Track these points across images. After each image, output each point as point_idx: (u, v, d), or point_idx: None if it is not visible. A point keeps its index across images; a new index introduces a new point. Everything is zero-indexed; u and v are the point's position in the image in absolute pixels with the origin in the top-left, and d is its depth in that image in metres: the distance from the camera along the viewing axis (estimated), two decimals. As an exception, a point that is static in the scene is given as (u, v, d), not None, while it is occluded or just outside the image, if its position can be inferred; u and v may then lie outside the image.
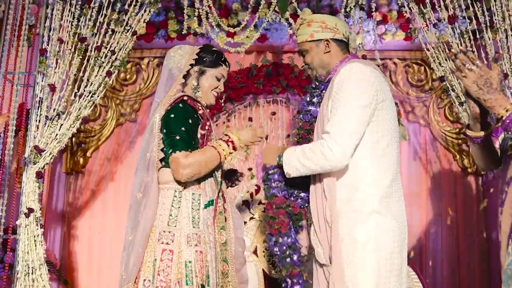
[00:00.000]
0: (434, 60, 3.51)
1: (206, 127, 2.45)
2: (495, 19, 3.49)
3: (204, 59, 2.55)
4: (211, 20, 3.86)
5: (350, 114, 2.06)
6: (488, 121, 2.02)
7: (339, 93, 2.11)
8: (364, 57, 3.58)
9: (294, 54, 4.59)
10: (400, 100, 4.72)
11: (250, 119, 4.61)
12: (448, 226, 4.50)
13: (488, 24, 3.51)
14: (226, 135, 2.44)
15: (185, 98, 2.43)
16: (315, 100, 2.49)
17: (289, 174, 2.19)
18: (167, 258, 2.30)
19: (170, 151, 2.32)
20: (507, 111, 1.81)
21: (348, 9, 3.63)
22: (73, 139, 4.66)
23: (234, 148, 2.42)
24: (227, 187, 2.67)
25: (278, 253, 2.29)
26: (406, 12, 3.50)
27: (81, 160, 4.69)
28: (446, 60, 3.50)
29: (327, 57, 2.31)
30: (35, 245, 3.22)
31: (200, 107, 2.45)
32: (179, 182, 2.37)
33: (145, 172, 2.40)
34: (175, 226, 2.33)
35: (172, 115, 2.37)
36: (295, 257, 2.29)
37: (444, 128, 4.61)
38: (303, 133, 2.48)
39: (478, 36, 3.59)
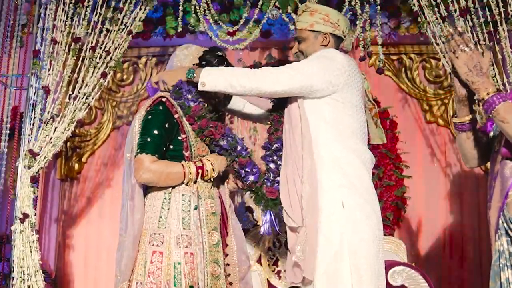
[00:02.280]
0: (444, 55, 3.79)
1: (184, 135, 2.71)
2: (511, 10, 3.75)
3: (204, 63, 2.80)
4: (208, 17, 4.15)
5: (308, 64, 2.50)
6: (473, 108, 2.33)
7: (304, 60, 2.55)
8: (362, 58, 3.90)
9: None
10: (416, 98, 5.00)
11: (254, 120, 4.92)
12: (471, 232, 4.74)
13: (503, 15, 3.73)
14: (201, 160, 2.70)
15: (163, 100, 2.72)
16: None
17: (204, 84, 2.54)
18: (157, 260, 2.60)
19: (138, 151, 2.62)
20: (487, 94, 2.12)
21: (353, 3, 3.92)
22: (68, 143, 4.98)
23: (202, 176, 2.69)
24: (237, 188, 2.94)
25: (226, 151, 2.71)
26: (414, 5, 3.78)
27: (76, 165, 5.04)
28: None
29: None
30: (30, 251, 3.56)
31: (177, 111, 2.71)
32: None
33: (128, 172, 2.73)
34: (165, 228, 2.64)
35: (150, 117, 2.68)
36: (238, 147, 2.69)
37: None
38: (276, 115, 2.78)
39: (492, 29, 3.85)
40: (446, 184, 4.87)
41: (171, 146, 2.70)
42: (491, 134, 2.41)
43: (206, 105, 2.76)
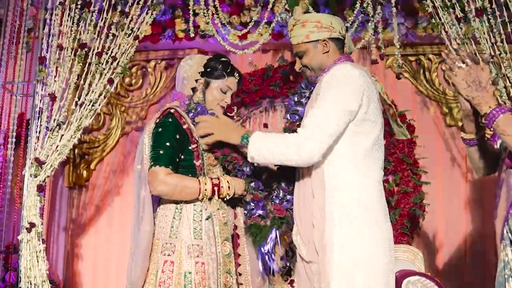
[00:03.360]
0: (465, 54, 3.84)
1: (194, 145, 2.86)
2: (531, 10, 3.79)
3: (209, 70, 2.97)
4: (217, 21, 4.26)
5: (331, 115, 2.47)
6: (481, 123, 2.42)
7: (324, 93, 2.52)
8: (374, 61, 3.96)
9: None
10: (435, 100, 5.05)
11: (266, 125, 4.98)
12: (493, 241, 4.76)
13: (522, 15, 3.80)
14: (218, 178, 2.83)
15: (172, 111, 2.88)
16: (303, 100, 2.88)
17: (253, 158, 2.59)
18: (168, 270, 2.76)
19: (152, 163, 2.77)
20: (489, 107, 2.21)
21: (365, 4, 4.01)
22: (76, 150, 5.14)
23: (218, 194, 2.82)
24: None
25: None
26: (428, 5, 3.85)
27: (85, 173, 5.20)
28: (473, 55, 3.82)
29: (326, 58, 2.70)
30: (37, 261, 3.70)
31: (185, 121, 2.86)
32: None
33: (138, 185, 2.90)
34: (176, 237, 2.80)
35: (160, 129, 2.84)
36: (260, 183, 2.79)
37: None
38: (290, 134, 2.89)
39: (510, 30, 3.90)
40: (467, 190, 4.90)
41: (182, 156, 2.85)
42: (498, 143, 2.50)
43: None
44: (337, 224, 2.46)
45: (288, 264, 2.97)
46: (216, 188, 2.80)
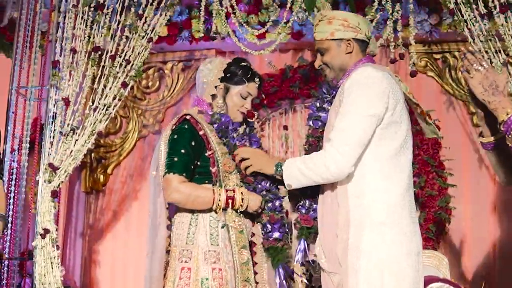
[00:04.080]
0: (483, 56, 3.81)
1: (210, 151, 2.93)
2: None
3: (229, 76, 3.03)
4: (234, 21, 4.27)
5: (357, 123, 2.47)
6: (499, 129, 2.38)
7: (347, 99, 2.51)
8: (393, 60, 3.93)
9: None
10: (462, 100, 4.99)
11: (286, 128, 5.02)
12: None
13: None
14: (233, 190, 2.89)
15: (188, 117, 2.96)
16: (326, 106, 2.91)
17: (290, 185, 2.62)
18: (186, 276, 2.84)
19: (166, 171, 2.86)
20: (507, 114, 2.19)
21: (384, 2, 3.99)
22: (92, 154, 5.22)
23: (233, 206, 2.87)
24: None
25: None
26: (450, 2, 3.82)
27: (102, 177, 5.26)
28: (497, 52, 3.78)
29: (348, 58, 2.70)
30: (52, 268, 3.77)
31: (201, 128, 2.93)
32: None
33: (154, 191, 3.00)
34: (193, 244, 2.87)
35: (176, 136, 2.93)
36: (277, 203, 2.85)
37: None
38: (313, 140, 2.90)
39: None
40: (495, 193, 4.84)
41: (198, 163, 2.93)
42: None
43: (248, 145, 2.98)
44: (362, 229, 2.47)
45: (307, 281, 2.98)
46: (230, 201, 2.86)
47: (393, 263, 2.45)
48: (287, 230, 2.86)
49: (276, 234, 2.85)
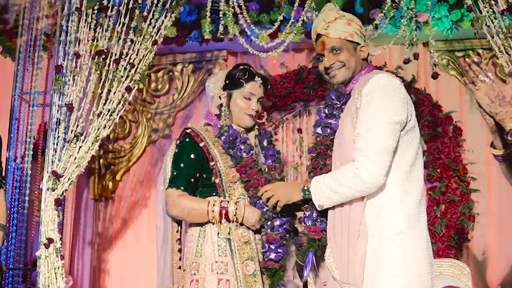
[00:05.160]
0: (502, 55, 3.78)
1: (212, 162, 3.02)
2: None
3: (229, 82, 3.13)
4: (242, 22, 4.26)
5: (384, 130, 2.48)
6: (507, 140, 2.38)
7: (369, 107, 2.53)
8: (407, 61, 3.92)
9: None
10: (485, 100, 4.94)
11: (300, 131, 5.00)
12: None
13: None
14: (227, 201, 2.94)
15: (188, 130, 3.09)
16: (335, 112, 2.91)
17: (322, 206, 2.62)
18: None
19: (167, 186, 3.00)
20: None
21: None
22: (101, 160, 5.26)
23: (227, 218, 2.92)
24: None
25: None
26: (468, -2, 3.79)
27: (110, 184, 5.30)
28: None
29: (360, 63, 2.76)
30: (56, 278, 3.82)
31: (202, 139, 3.04)
32: None
33: (163, 206, 3.11)
34: (201, 256, 2.96)
35: (177, 150, 3.08)
36: (276, 222, 2.84)
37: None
38: (322, 148, 2.88)
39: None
40: (522, 199, 4.80)
41: (204, 175, 3.05)
42: None
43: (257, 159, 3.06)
44: (381, 240, 2.49)
45: None
46: (224, 211, 2.92)
47: (414, 274, 2.48)
48: (306, 232, 2.76)
49: (272, 255, 2.86)
